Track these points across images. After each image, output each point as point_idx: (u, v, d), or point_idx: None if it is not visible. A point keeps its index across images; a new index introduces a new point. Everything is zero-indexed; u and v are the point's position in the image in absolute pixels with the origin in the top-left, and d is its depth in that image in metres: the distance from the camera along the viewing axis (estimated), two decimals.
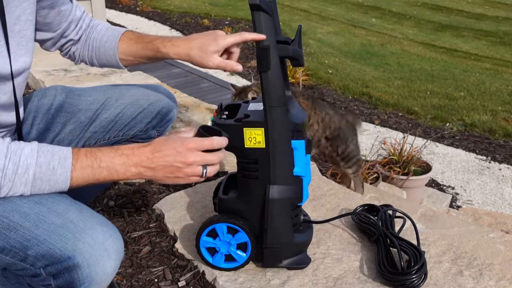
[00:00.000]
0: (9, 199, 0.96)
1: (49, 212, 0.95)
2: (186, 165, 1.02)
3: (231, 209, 1.24)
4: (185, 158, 1.02)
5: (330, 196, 1.66)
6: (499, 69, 6.38)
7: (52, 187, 0.96)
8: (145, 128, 1.45)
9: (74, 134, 1.36)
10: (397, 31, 8.56)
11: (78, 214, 0.95)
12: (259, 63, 1.11)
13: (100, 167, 0.98)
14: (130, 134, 1.44)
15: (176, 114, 1.53)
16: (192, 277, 1.29)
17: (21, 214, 0.94)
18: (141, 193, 1.77)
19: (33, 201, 0.96)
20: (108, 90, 1.43)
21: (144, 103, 1.42)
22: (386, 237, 1.30)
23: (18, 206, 0.96)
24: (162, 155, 1.02)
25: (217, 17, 8.68)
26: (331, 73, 5.83)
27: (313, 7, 10.39)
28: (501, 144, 4.10)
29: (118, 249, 0.95)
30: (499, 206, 3.16)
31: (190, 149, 1.02)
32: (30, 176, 0.92)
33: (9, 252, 0.93)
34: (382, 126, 4.35)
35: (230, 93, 2.16)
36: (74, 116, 1.36)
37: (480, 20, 9.74)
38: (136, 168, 1.01)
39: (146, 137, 1.48)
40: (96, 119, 1.38)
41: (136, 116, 1.42)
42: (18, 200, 0.97)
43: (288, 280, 1.23)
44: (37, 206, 0.96)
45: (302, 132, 1.18)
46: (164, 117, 1.46)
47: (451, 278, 1.24)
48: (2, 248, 0.94)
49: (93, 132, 1.38)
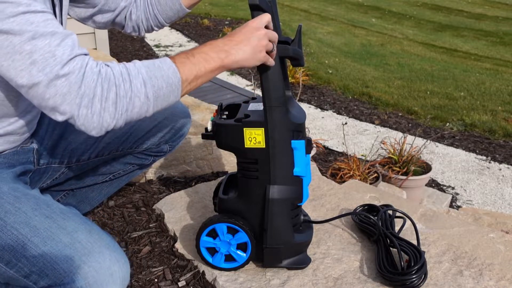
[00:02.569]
0: (20, 210, 0.95)
1: (59, 229, 0.93)
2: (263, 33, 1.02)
3: (231, 209, 1.24)
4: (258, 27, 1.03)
5: (330, 196, 1.66)
6: (499, 69, 6.38)
7: (168, 84, 0.93)
8: (157, 142, 1.45)
9: (88, 144, 1.36)
10: (397, 31, 8.56)
11: (87, 234, 0.94)
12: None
13: (195, 57, 0.98)
14: (143, 147, 1.44)
15: (189, 129, 1.53)
16: (192, 277, 1.29)
17: (31, 228, 0.93)
18: (141, 193, 1.77)
19: (44, 215, 0.96)
20: None
21: (159, 116, 1.42)
22: (386, 237, 1.30)
23: (29, 219, 0.94)
24: (239, 33, 1.02)
25: (217, 17, 8.68)
26: (331, 73, 5.83)
27: (313, 7, 10.39)
28: (501, 144, 4.10)
29: (124, 275, 0.93)
30: (499, 206, 3.16)
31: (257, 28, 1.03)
32: (144, 75, 0.91)
33: (14, 266, 0.92)
34: (382, 126, 4.35)
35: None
36: None
37: (480, 20, 9.74)
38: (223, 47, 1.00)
39: (158, 150, 1.48)
40: (111, 130, 1.38)
41: (151, 129, 1.42)
42: (30, 211, 0.96)
43: (288, 280, 1.23)
44: (48, 221, 0.94)
45: (302, 132, 1.18)
46: (177, 132, 1.47)
47: (451, 278, 1.24)
48: (7, 261, 0.93)
49: (107, 143, 1.38)
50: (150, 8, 1.33)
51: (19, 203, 0.98)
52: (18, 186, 1.05)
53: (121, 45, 6.39)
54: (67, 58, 0.84)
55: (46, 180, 1.34)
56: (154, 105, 0.94)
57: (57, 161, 1.33)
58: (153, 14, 1.34)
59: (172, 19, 1.36)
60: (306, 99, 4.93)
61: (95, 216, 1.61)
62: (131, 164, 1.49)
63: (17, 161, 1.16)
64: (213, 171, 1.97)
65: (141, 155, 1.47)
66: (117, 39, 6.66)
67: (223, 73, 5.52)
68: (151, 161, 1.51)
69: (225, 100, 4.23)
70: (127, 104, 0.90)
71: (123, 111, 0.90)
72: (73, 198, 1.49)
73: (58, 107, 0.85)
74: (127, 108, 0.90)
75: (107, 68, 0.89)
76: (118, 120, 0.90)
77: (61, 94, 0.84)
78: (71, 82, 0.84)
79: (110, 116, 0.88)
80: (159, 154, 1.50)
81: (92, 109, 0.86)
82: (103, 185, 1.51)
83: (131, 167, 1.50)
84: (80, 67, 0.85)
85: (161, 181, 1.88)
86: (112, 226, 1.56)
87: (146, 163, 1.52)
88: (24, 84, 0.84)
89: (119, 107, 0.89)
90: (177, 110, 1.46)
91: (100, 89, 0.86)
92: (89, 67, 0.86)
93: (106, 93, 0.87)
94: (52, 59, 0.83)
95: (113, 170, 1.48)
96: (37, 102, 0.86)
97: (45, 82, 0.83)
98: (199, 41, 6.89)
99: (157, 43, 6.71)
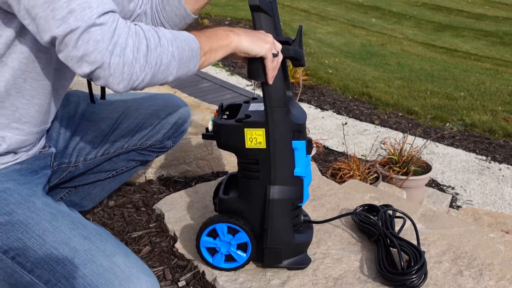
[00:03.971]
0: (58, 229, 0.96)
1: (98, 252, 0.94)
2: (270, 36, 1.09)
3: (232, 209, 1.24)
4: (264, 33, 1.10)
5: (330, 196, 1.67)
6: (499, 69, 6.38)
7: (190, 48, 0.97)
8: (161, 138, 1.48)
9: (95, 143, 1.38)
10: (397, 31, 8.56)
11: (125, 259, 0.95)
12: None
13: (206, 33, 1.02)
14: (147, 143, 1.47)
15: (189, 124, 1.56)
16: (192, 277, 1.30)
17: (71, 248, 0.94)
18: (141, 193, 1.77)
19: (82, 235, 0.96)
20: (127, 99, 1.45)
21: (162, 113, 1.45)
22: (386, 237, 1.30)
23: (68, 239, 0.95)
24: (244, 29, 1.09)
25: (217, 17, 8.69)
26: (331, 73, 5.83)
27: (313, 7, 10.39)
28: (501, 144, 4.10)
29: None
30: (499, 206, 3.16)
31: None
32: (169, 36, 0.94)
33: (54, 286, 0.92)
34: (382, 126, 4.35)
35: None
36: (95, 124, 1.37)
37: (480, 20, 9.74)
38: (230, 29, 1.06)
39: (162, 146, 1.51)
40: (117, 128, 1.40)
41: (155, 126, 1.44)
42: (68, 231, 0.96)
43: (288, 280, 1.23)
44: (87, 243, 0.95)
45: (302, 132, 1.18)
46: (179, 127, 1.50)
47: (451, 278, 1.24)
48: (47, 281, 0.93)
49: (113, 141, 1.40)
50: (156, 16, 1.34)
51: (56, 221, 0.98)
52: (50, 202, 1.05)
53: None
54: (102, 10, 0.85)
55: (54, 180, 1.35)
56: (178, 67, 0.95)
57: (66, 161, 1.34)
58: (159, 22, 1.35)
59: (179, 26, 1.37)
60: (306, 99, 4.94)
61: (95, 216, 1.61)
62: (134, 160, 1.51)
63: (38, 166, 1.17)
64: (213, 171, 1.97)
65: (144, 151, 1.50)
66: None
67: (223, 73, 5.52)
68: (154, 156, 1.54)
69: (225, 100, 4.23)
70: (157, 58, 0.91)
71: (153, 65, 0.90)
72: (76, 195, 1.50)
73: (89, 54, 0.85)
74: (156, 62, 0.91)
75: (136, 26, 0.91)
76: (147, 74, 0.90)
77: (94, 41, 0.84)
78: (105, 31, 0.85)
79: (140, 68, 0.89)
80: (162, 150, 1.53)
81: (124, 58, 0.86)
82: (105, 182, 1.53)
83: (134, 163, 1.52)
84: (113, 20, 0.86)
85: (161, 181, 1.88)
86: (112, 226, 1.57)
87: (149, 159, 1.54)
88: (60, 34, 0.84)
89: (149, 60, 0.89)
90: (178, 106, 1.49)
91: (131, 41, 0.87)
92: (120, 22, 0.88)
93: (138, 44, 0.88)
94: (89, 9, 0.84)
95: (116, 167, 1.49)
96: (67, 52, 0.86)
97: (82, 28, 0.83)
98: None
99: None
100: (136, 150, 1.47)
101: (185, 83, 4.76)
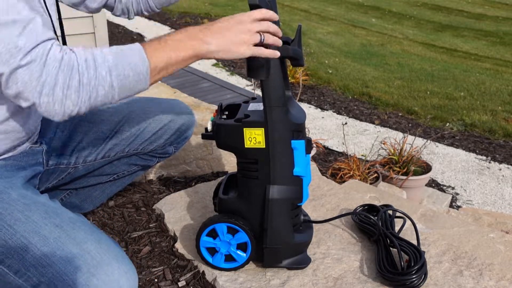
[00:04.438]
0: (30, 218, 0.95)
1: (68, 239, 0.93)
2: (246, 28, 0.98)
3: (231, 209, 1.24)
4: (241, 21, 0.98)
5: (330, 196, 1.66)
6: (499, 69, 6.37)
7: (135, 72, 0.92)
8: (163, 144, 1.46)
9: (96, 145, 1.37)
10: (397, 31, 8.56)
11: (97, 245, 0.93)
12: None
13: (167, 44, 0.95)
14: (149, 148, 1.45)
15: (193, 131, 1.54)
16: (192, 277, 1.29)
17: (41, 237, 0.93)
18: (141, 193, 1.77)
19: (54, 224, 0.95)
20: (130, 102, 1.44)
21: (165, 119, 1.43)
22: (386, 237, 1.30)
23: (39, 228, 0.94)
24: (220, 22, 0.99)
25: (217, 17, 8.68)
26: (331, 73, 5.83)
27: (313, 7, 10.39)
28: (501, 144, 4.10)
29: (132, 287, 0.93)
30: (499, 206, 3.16)
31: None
32: (110, 62, 0.90)
33: (23, 275, 0.92)
34: (382, 126, 4.35)
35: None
36: (96, 126, 1.37)
37: (480, 20, 9.73)
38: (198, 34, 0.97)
39: (163, 152, 1.50)
40: (118, 131, 1.39)
41: (157, 131, 1.43)
42: (40, 220, 0.95)
43: (288, 280, 1.23)
44: (57, 230, 0.94)
45: (302, 132, 1.18)
46: (182, 134, 1.48)
47: (451, 278, 1.24)
48: (16, 270, 0.92)
49: (114, 144, 1.39)
50: None
51: (29, 211, 0.98)
52: (27, 193, 1.05)
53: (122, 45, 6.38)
54: (30, 47, 0.84)
55: (53, 180, 1.34)
56: (119, 94, 0.93)
57: (65, 162, 1.34)
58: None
59: (163, 4, 1.37)
60: (306, 99, 4.93)
61: (95, 216, 1.61)
62: (135, 165, 1.50)
63: (26, 163, 1.16)
64: (213, 171, 1.97)
65: (146, 156, 1.48)
66: (117, 39, 6.67)
67: (223, 73, 5.52)
68: (155, 162, 1.52)
69: (225, 100, 4.23)
70: (90, 92, 0.89)
71: (86, 99, 0.89)
72: (76, 197, 1.50)
73: (21, 93, 0.86)
74: (90, 96, 0.89)
75: (71, 55, 0.88)
76: (81, 107, 0.89)
77: (22, 82, 0.84)
78: (32, 71, 0.84)
79: (72, 103, 0.88)
80: (164, 156, 1.52)
81: (53, 97, 0.86)
82: (106, 185, 1.52)
83: (135, 167, 1.51)
84: (42, 54, 0.85)
85: (161, 181, 1.88)
86: (112, 226, 1.56)
87: (150, 164, 1.53)
88: None
89: (81, 95, 0.88)
90: (182, 112, 1.47)
91: (62, 77, 0.86)
92: (51, 54, 0.86)
93: (69, 80, 0.86)
94: (15, 50, 0.83)
95: (117, 171, 1.49)
96: (3, 89, 0.87)
97: (7, 73, 0.84)
98: None
99: None
100: (137, 154, 1.46)
101: (185, 83, 4.76)
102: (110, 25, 7.16)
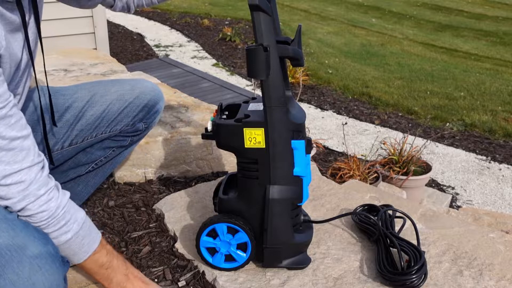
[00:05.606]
0: None
1: None
2: None
3: (231, 209, 1.24)
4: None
5: (330, 196, 1.66)
6: (499, 69, 6.37)
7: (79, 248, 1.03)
8: (131, 122, 1.45)
9: (60, 133, 1.36)
10: (397, 31, 8.56)
11: (9, 240, 0.85)
12: None
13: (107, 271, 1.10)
14: (117, 129, 1.44)
15: (163, 106, 1.53)
16: (192, 277, 1.29)
17: None
18: (141, 193, 1.77)
19: None
20: (93, 87, 1.43)
21: (129, 97, 1.43)
22: (386, 237, 1.30)
23: None
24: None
25: (217, 17, 8.68)
26: (331, 73, 5.83)
27: (313, 7, 10.39)
28: (501, 144, 4.10)
29: (50, 284, 0.86)
30: (499, 206, 3.16)
31: None
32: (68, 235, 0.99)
33: None
34: (382, 126, 4.35)
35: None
36: (60, 115, 1.36)
37: (480, 20, 9.73)
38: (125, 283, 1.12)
39: (134, 130, 1.48)
40: (82, 117, 1.38)
41: (122, 110, 1.42)
42: None
43: (288, 280, 1.23)
44: None
45: (302, 132, 1.18)
46: (150, 109, 1.47)
47: (451, 278, 1.24)
48: None
49: (80, 130, 1.38)
50: None
51: None
52: None
53: (121, 45, 6.39)
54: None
55: None
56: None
57: None
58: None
59: (146, 2, 1.39)
60: (306, 99, 4.94)
61: (95, 216, 1.61)
62: (110, 148, 1.48)
63: None
64: (213, 171, 1.97)
65: (117, 137, 1.47)
66: (117, 39, 6.67)
67: (223, 73, 5.52)
68: (129, 141, 1.51)
69: (225, 100, 4.22)
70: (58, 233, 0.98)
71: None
72: None
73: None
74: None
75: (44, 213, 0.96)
76: None
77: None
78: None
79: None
80: (136, 133, 1.50)
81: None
82: (87, 177, 1.51)
83: (111, 151, 1.49)
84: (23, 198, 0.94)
85: (161, 181, 1.88)
86: (112, 226, 1.56)
87: (124, 144, 1.51)
88: None
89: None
90: (147, 89, 1.46)
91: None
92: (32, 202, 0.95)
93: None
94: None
95: (94, 158, 1.47)
96: None
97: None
98: (199, 41, 6.89)
99: (157, 43, 6.70)
100: (108, 137, 1.45)
101: (185, 83, 4.76)
102: (110, 25, 7.17)
